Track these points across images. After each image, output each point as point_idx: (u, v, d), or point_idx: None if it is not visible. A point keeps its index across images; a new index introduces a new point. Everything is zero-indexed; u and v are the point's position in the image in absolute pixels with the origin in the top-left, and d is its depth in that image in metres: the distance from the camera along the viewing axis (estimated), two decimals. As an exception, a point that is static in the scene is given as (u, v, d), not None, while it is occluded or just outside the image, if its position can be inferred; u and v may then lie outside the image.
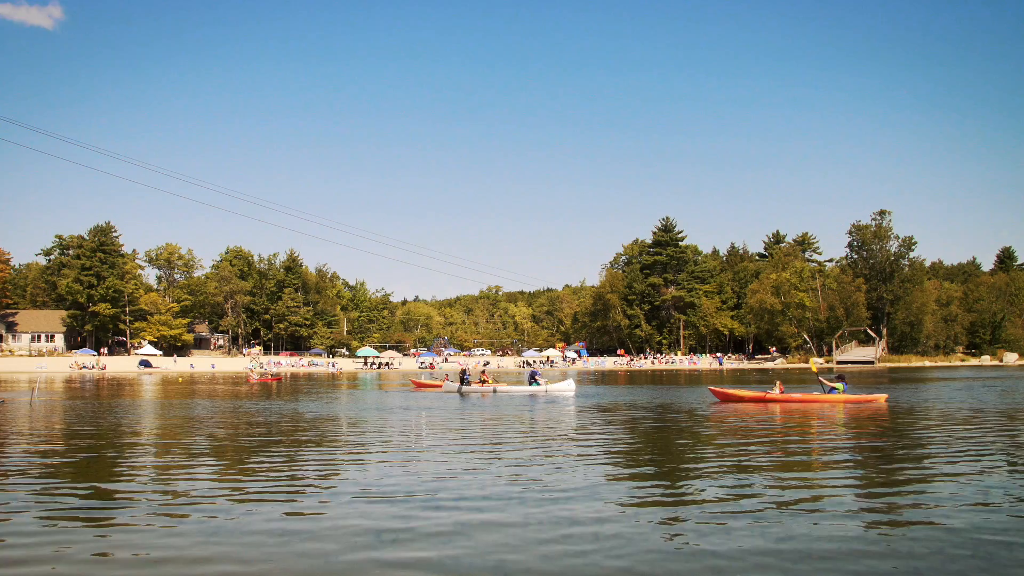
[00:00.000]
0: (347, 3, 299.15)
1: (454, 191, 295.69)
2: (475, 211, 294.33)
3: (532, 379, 43.03)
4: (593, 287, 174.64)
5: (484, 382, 43.41)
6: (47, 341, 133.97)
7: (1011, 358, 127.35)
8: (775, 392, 31.79)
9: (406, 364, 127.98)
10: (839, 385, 31.41)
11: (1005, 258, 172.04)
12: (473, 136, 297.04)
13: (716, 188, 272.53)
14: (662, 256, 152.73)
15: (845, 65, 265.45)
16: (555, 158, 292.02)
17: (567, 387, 41.89)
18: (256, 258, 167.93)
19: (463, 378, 44.35)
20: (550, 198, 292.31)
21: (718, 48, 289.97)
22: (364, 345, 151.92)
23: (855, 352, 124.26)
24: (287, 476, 14.04)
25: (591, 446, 18.21)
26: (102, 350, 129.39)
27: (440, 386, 48.30)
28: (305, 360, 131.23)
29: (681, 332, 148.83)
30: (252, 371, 76.15)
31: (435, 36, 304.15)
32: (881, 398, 31.97)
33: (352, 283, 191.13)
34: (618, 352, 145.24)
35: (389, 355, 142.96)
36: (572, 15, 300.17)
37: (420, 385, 50.72)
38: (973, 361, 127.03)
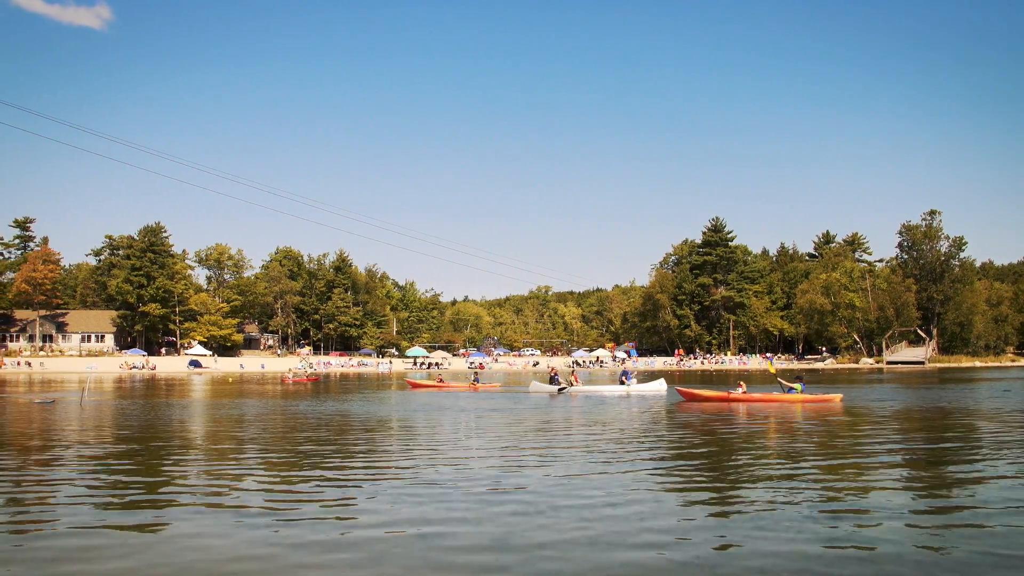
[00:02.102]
0: (398, 3, 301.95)
1: (504, 191, 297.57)
2: (525, 211, 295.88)
3: (624, 378, 43.20)
4: (643, 287, 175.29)
5: (572, 383, 43.86)
6: (97, 341, 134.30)
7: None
8: (738, 392, 33.91)
9: (456, 364, 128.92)
10: (797, 385, 33.47)
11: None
12: (524, 136, 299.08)
13: (766, 188, 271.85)
14: (712, 256, 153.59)
15: (895, 65, 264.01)
16: (605, 158, 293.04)
17: (659, 387, 41.91)
18: (306, 258, 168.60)
19: (552, 379, 44.96)
20: (600, 198, 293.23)
21: (768, 48, 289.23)
22: (414, 345, 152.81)
23: (905, 352, 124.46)
24: (334, 476, 14.28)
25: (648, 446, 18.95)
26: (161, 351, 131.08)
27: (435, 386, 50.29)
28: (355, 360, 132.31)
29: (731, 332, 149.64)
30: (288, 371, 76.53)
31: (484, 36, 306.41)
32: (836, 398, 34.09)
33: (402, 283, 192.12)
34: (676, 352, 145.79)
35: (439, 355, 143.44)
36: (624, 15, 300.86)
37: (416, 385, 52.58)
38: (1023, 362, 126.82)
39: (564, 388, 42.98)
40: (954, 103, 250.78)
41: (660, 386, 42.13)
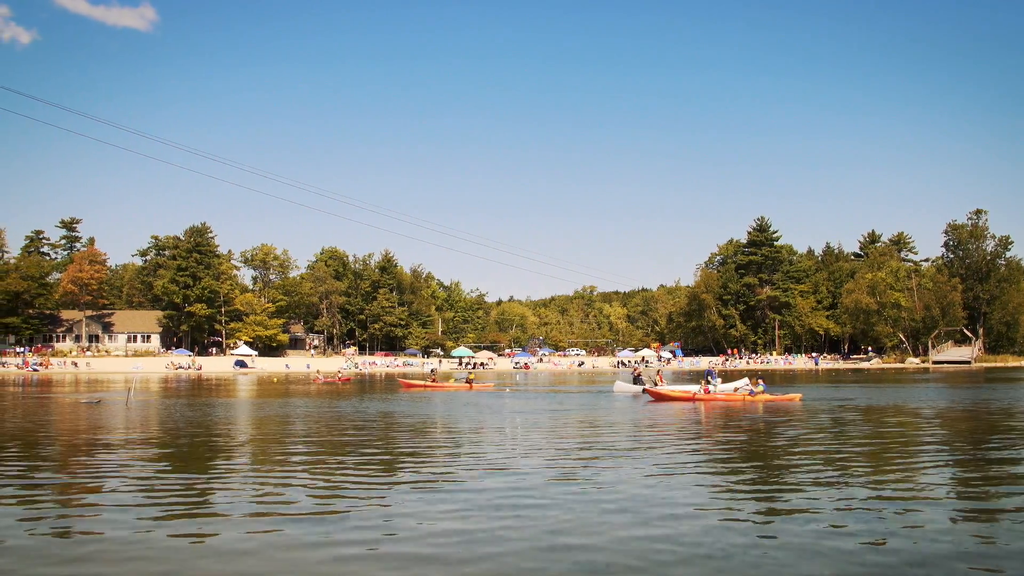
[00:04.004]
0: (444, 4, 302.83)
1: (550, 191, 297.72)
2: (570, 212, 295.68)
3: (708, 379, 42.54)
4: (688, 287, 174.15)
5: (656, 383, 43.45)
6: (143, 341, 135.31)
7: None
8: (701, 392, 35.44)
9: (501, 364, 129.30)
10: (759, 387, 35.19)
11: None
12: (570, 136, 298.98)
13: (811, 188, 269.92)
14: (757, 256, 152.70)
15: (941, 63, 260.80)
16: (651, 158, 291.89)
17: (742, 386, 40.95)
18: (351, 258, 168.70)
19: (636, 379, 45.23)
20: (645, 198, 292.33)
21: (814, 49, 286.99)
22: (459, 345, 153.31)
23: (951, 352, 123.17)
24: (375, 478, 14.53)
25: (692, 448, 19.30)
26: (211, 350, 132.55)
27: (431, 385, 51.12)
28: (400, 360, 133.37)
29: (776, 332, 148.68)
30: (317, 372, 77.46)
31: (531, 35, 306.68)
32: (796, 397, 36.00)
33: (447, 283, 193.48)
34: (730, 351, 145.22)
35: (484, 355, 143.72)
36: (668, 16, 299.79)
37: (409, 385, 53.23)
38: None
39: (636, 387, 43.33)
40: (1000, 101, 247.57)
41: (743, 385, 41.42)
